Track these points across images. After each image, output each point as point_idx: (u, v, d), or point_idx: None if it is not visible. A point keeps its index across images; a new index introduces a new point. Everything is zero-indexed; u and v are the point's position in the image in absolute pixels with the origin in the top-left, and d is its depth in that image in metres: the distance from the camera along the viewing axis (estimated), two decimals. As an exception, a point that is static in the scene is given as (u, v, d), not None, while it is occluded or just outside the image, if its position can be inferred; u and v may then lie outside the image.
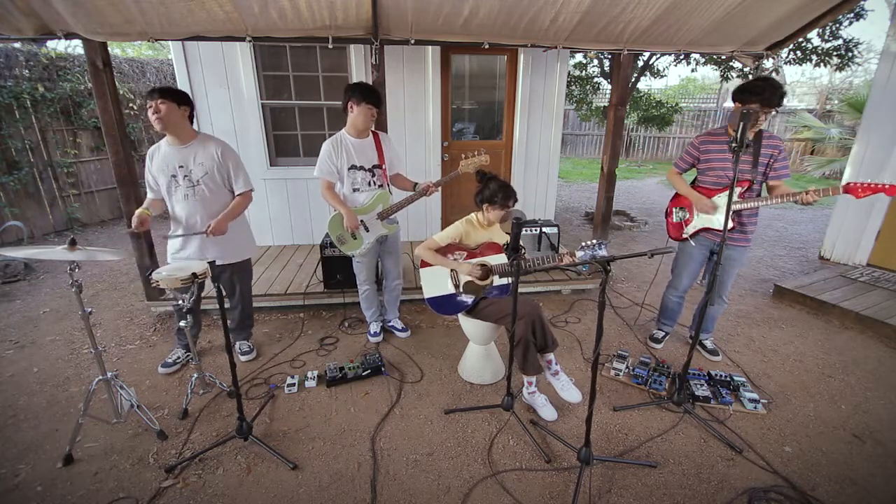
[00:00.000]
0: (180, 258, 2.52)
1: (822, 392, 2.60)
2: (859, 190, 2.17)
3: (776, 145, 2.43)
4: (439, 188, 2.82)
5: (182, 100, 2.38)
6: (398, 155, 2.96)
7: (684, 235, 2.72)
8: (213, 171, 2.47)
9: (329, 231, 2.84)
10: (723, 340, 3.17)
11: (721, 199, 2.54)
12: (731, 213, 2.12)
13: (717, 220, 2.57)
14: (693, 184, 2.70)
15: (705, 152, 2.58)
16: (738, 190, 2.45)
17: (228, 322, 2.16)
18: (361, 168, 2.75)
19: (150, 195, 2.53)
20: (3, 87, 5.33)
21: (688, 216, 2.70)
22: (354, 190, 2.78)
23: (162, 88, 2.32)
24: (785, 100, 2.33)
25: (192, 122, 2.48)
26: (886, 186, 2.12)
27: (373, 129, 2.83)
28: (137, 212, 2.35)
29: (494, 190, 2.37)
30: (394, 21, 2.81)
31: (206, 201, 2.49)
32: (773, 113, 2.41)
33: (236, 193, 2.58)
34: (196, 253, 2.53)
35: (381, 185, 2.82)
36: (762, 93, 2.26)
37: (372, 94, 2.65)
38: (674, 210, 2.78)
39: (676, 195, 2.79)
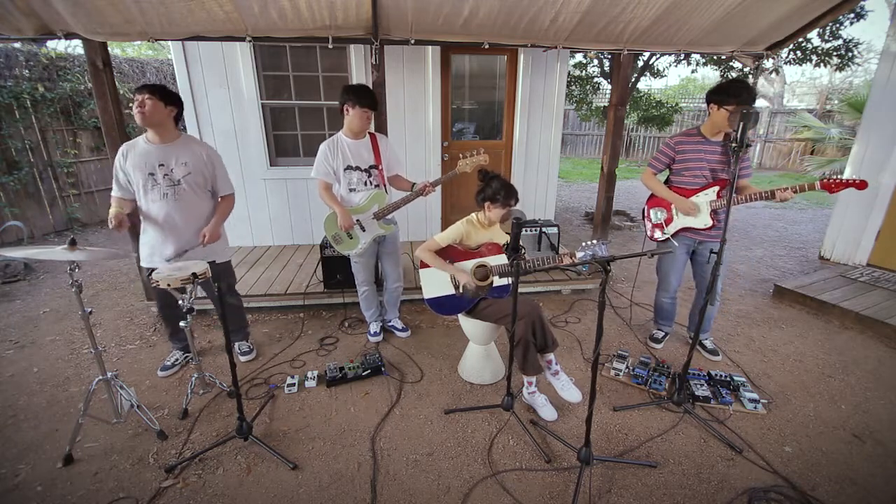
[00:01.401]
0: (155, 263, 2.44)
1: (822, 392, 2.60)
2: (832, 185, 2.30)
3: None
4: (437, 188, 2.82)
5: (169, 99, 2.34)
6: (397, 157, 2.96)
7: (665, 235, 2.75)
8: (198, 172, 2.43)
9: (325, 230, 2.85)
10: (723, 340, 3.17)
11: (699, 199, 2.60)
12: (729, 211, 2.13)
13: (696, 219, 2.63)
14: (666, 183, 2.75)
15: (681, 152, 2.62)
16: (716, 189, 2.56)
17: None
18: (358, 168, 2.75)
19: (117, 193, 2.41)
20: (3, 87, 5.33)
21: (667, 216, 2.73)
22: (351, 190, 2.78)
23: (151, 85, 2.30)
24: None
25: (177, 124, 2.44)
26: (857, 181, 2.25)
27: (370, 130, 2.83)
28: (113, 213, 2.29)
29: (497, 189, 2.37)
30: (394, 21, 2.81)
31: (186, 201, 2.43)
32: None
33: (221, 195, 2.57)
34: (178, 254, 2.45)
35: (377, 186, 2.82)
36: (739, 94, 2.35)
37: (368, 98, 2.65)
38: (651, 211, 2.80)
39: (652, 196, 2.81)
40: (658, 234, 2.79)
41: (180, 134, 2.45)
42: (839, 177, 2.30)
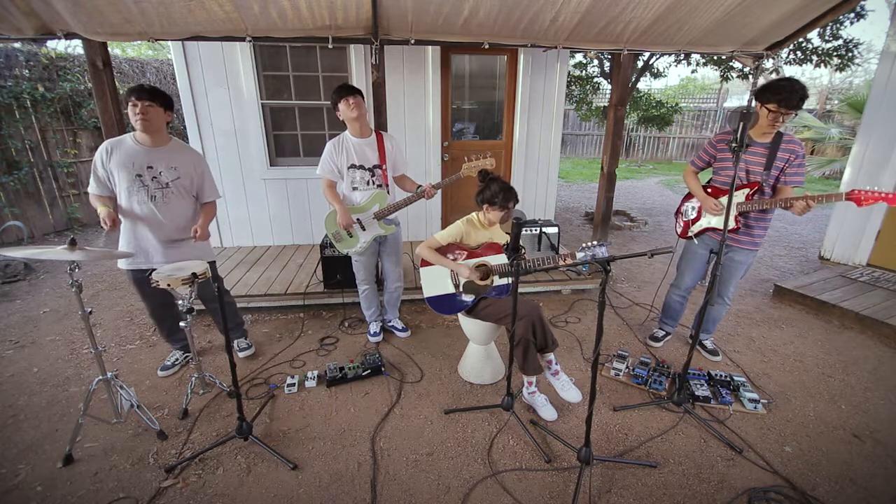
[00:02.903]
0: (139, 265, 2.43)
1: (822, 392, 2.60)
2: (862, 198, 2.15)
3: (794, 150, 2.37)
4: (439, 190, 2.83)
5: (168, 105, 2.35)
6: (403, 157, 2.94)
7: (689, 234, 2.74)
8: (185, 177, 2.43)
9: (325, 227, 2.86)
10: (723, 340, 3.17)
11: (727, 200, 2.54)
12: (731, 213, 2.12)
13: (721, 220, 2.55)
14: (708, 183, 2.70)
15: (721, 151, 2.56)
16: (745, 192, 2.45)
17: (218, 324, 2.13)
18: (361, 167, 2.75)
19: (95, 190, 2.35)
20: (3, 87, 5.33)
21: (695, 215, 2.71)
22: (353, 189, 2.78)
23: (151, 90, 2.26)
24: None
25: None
26: (890, 195, 2.10)
27: (378, 129, 2.83)
28: (105, 213, 2.25)
29: (495, 191, 2.36)
30: (394, 21, 2.81)
31: (172, 205, 2.43)
32: (794, 115, 2.39)
33: (206, 201, 2.57)
34: (161, 258, 2.43)
35: (379, 185, 2.82)
36: (781, 93, 2.21)
37: (345, 88, 2.65)
38: (684, 206, 2.79)
39: (689, 194, 2.79)
40: (683, 231, 2.77)
41: (171, 138, 2.44)
42: (874, 190, 2.13)
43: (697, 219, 2.70)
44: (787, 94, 2.20)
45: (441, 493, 1.92)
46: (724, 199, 2.52)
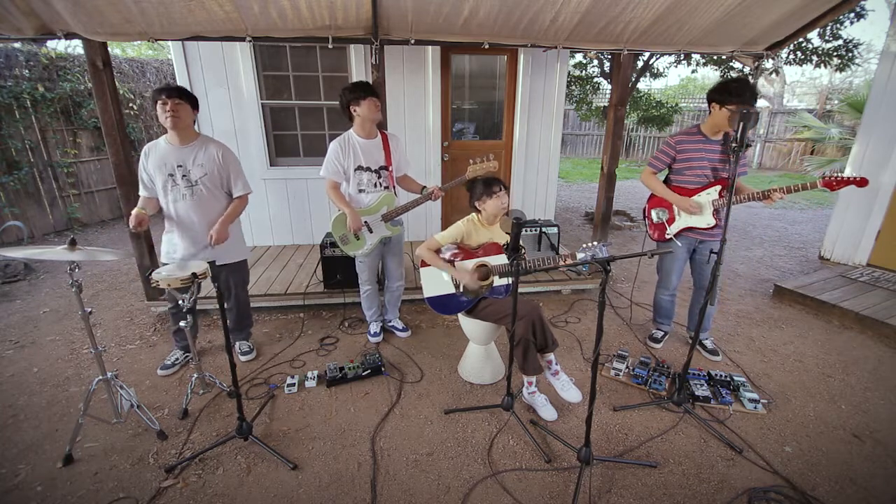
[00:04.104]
0: (175, 259, 2.52)
1: (822, 392, 2.60)
2: (834, 183, 2.32)
3: None
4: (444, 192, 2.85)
5: (195, 104, 2.43)
6: (406, 157, 2.96)
7: (668, 235, 2.75)
8: (212, 173, 2.47)
9: (332, 230, 2.85)
10: (723, 340, 3.17)
11: (701, 198, 2.61)
12: (729, 211, 2.14)
13: (699, 219, 2.63)
14: (665, 183, 2.75)
15: (682, 151, 2.62)
16: (717, 188, 2.56)
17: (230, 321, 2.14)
18: (368, 169, 2.75)
19: (143, 193, 2.50)
20: (3, 87, 5.33)
21: (668, 216, 2.74)
22: (360, 191, 2.78)
23: (179, 88, 2.35)
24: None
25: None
26: (857, 179, 2.27)
27: (384, 130, 2.84)
28: (134, 212, 2.35)
29: (480, 183, 2.46)
30: (394, 21, 2.81)
31: (203, 202, 2.48)
32: None
33: (235, 196, 2.59)
34: (191, 254, 2.51)
35: (386, 187, 2.82)
36: (742, 94, 2.34)
37: (370, 88, 2.68)
38: (653, 211, 2.80)
39: (653, 196, 2.81)
40: (659, 234, 2.79)
41: (198, 134, 2.49)
42: (840, 174, 2.31)
43: (672, 220, 2.74)
44: (747, 95, 2.34)
45: (441, 493, 1.92)
46: (697, 198, 2.62)
